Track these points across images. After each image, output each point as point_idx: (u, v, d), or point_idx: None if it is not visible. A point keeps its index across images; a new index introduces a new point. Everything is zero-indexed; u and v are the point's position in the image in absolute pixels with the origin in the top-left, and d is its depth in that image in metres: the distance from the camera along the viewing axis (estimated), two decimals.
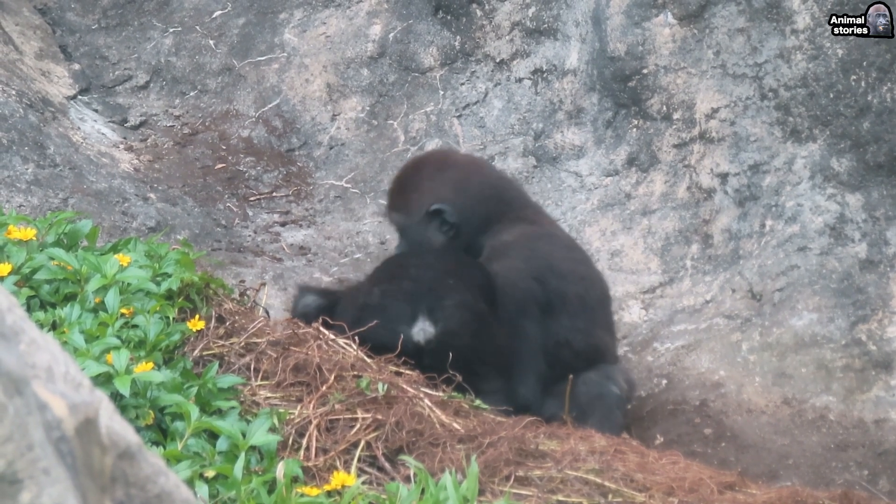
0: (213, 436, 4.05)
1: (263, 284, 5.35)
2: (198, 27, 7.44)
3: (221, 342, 4.46)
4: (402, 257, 5.55)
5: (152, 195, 6.52)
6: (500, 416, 4.77)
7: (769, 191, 6.14)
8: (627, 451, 4.65)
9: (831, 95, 6.06)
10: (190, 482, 3.82)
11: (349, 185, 6.93)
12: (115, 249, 4.68)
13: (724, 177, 6.29)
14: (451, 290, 5.25)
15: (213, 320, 4.49)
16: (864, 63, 6.00)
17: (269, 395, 4.35)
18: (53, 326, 4.29)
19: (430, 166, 5.76)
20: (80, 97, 7.07)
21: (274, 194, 6.85)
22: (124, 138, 6.96)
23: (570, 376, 5.14)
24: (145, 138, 7.01)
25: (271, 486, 3.91)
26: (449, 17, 7.15)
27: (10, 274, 4.41)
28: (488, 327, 5.24)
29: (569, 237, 5.78)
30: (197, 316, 4.44)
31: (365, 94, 7.17)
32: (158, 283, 4.47)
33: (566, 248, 5.60)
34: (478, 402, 4.78)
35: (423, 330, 5.14)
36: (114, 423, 2.09)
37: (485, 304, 5.29)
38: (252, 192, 6.84)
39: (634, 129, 6.58)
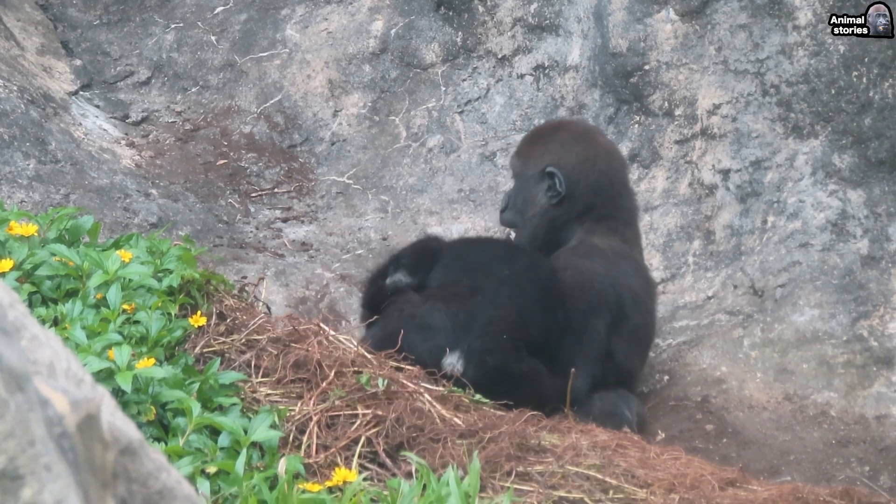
0: (214, 432, 4.06)
1: (262, 279, 5.35)
2: (199, 23, 7.44)
3: (222, 339, 4.46)
4: (483, 266, 5.48)
5: (154, 191, 6.52)
6: (500, 409, 4.78)
7: (771, 187, 6.14)
8: (629, 446, 4.65)
9: (833, 91, 6.06)
10: (191, 478, 3.83)
11: (351, 181, 6.93)
12: (116, 245, 4.68)
13: (725, 173, 6.28)
14: (498, 344, 5.24)
15: (214, 317, 4.49)
16: (866, 59, 6.00)
17: (269, 391, 4.35)
18: (55, 322, 4.29)
19: (567, 132, 5.80)
20: (81, 93, 7.07)
21: (276, 190, 6.85)
22: (126, 134, 6.96)
23: (573, 370, 5.16)
24: (147, 134, 7.01)
25: (273, 483, 3.91)
26: (451, 13, 7.14)
27: (11, 270, 4.41)
28: (525, 378, 5.24)
29: (647, 271, 5.84)
30: (198, 312, 4.44)
31: (367, 90, 7.17)
32: (160, 280, 4.48)
33: (644, 280, 5.70)
34: (478, 396, 4.79)
35: (452, 364, 5.16)
36: (115, 420, 2.09)
37: (533, 356, 5.30)
38: (254, 188, 6.84)
39: (636, 126, 6.57)
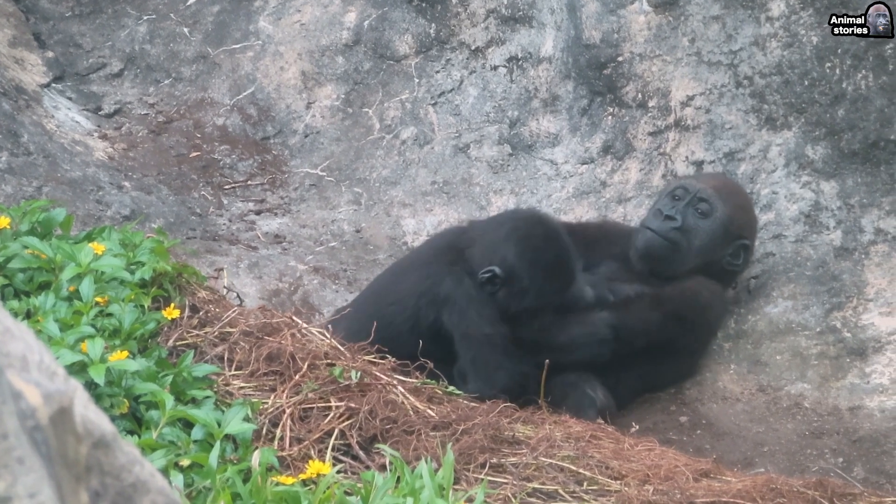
0: (188, 425, 4.05)
1: (220, 270, 5.34)
2: (172, 15, 7.41)
3: (196, 331, 4.45)
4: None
5: (127, 183, 6.50)
6: (474, 401, 4.79)
7: (744, 178, 6.15)
8: (603, 437, 4.66)
9: (806, 83, 6.07)
10: (165, 471, 3.82)
11: (324, 174, 6.92)
12: (89, 238, 4.67)
13: (699, 164, 6.29)
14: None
15: (188, 309, 4.48)
16: (839, 50, 6.01)
17: (242, 384, 4.34)
18: (28, 315, 4.27)
19: (747, 198, 5.99)
20: (53, 85, 7.04)
21: (249, 183, 6.83)
22: (98, 126, 6.94)
23: (546, 361, 5.18)
24: (119, 126, 6.99)
25: (246, 476, 3.90)
26: (424, 5, 7.13)
27: None
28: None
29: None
30: (171, 305, 4.43)
31: (340, 81, 7.16)
32: (133, 272, 4.46)
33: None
34: (451, 388, 4.80)
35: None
36: (88, 412, 2.08)
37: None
38: (227, 180, 6.82)
39: (609, 117, 6.58)
